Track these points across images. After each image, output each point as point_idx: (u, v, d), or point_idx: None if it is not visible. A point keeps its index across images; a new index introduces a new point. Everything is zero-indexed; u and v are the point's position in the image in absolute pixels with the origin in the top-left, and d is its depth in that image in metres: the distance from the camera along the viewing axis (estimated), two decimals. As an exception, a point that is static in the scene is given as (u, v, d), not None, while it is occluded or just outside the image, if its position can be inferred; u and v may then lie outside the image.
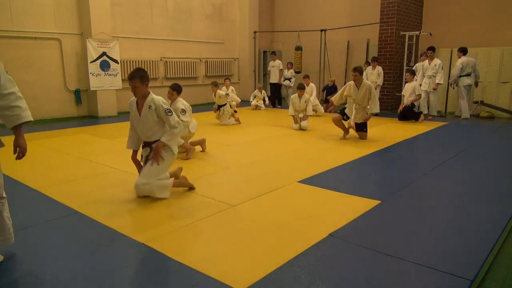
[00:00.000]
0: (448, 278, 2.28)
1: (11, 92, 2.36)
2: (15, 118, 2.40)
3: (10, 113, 2.37)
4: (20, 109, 2.40)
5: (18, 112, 2.39)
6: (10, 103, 2.36)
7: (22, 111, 2.41)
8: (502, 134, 7.22)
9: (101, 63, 9.26)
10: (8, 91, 2.34)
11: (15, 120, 2.40)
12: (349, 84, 6.53)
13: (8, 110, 2.37)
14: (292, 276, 2.31)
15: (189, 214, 3.28)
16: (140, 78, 3.55)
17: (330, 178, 4.41)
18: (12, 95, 2.36)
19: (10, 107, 2.36)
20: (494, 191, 3.94)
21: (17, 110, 2.39)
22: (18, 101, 2.40)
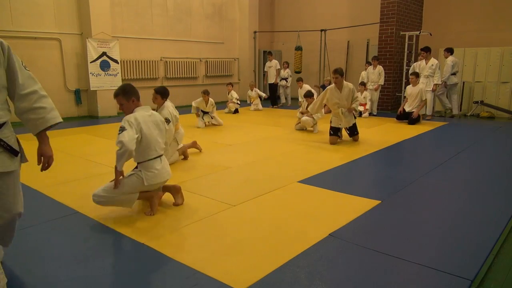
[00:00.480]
0: (448, 278, 2.28)
1: (32, 91, 2.04)
2: (41, 122, 2.06)
3: (34, 116, 2.04)
4: (45, 110, 2.06)
5: (43, 115, 2.06)
6: (33, 104, 2.03)
7: (47, 113, 2.07)
8: (502, 134, 7.22)
9: (101, 63, 9.26)
10: (29, 90, 2.03)
11: (40, 124, 2.07)
12: (328, 88, 6.24)
13: (31, 113, 2.04)
14: (292, 276, 2.31)
15: (189, 214, 3.28)
16: (124, 95, 3.27)
17: (330, 178, 4.41)
18: (34, 94, 2.04)
19: (33, 109, 2.04)
20: (494, 191, 3.94)
21: (41, 112, 2.05)
22: (42, 100, 2.06)
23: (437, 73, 8.71)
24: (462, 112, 9.75)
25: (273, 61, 11.57)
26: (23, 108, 2.04)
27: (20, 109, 2.04)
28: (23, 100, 2.03)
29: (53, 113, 2.10)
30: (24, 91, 2.02)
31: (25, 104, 2.03)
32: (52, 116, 2.10)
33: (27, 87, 2.03)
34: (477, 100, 9.43)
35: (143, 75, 10.57)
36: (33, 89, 2.05)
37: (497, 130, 7.55)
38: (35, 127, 2.08)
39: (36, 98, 2.05)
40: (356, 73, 12.20)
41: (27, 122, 2.07)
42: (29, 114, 2.05)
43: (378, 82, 9.60)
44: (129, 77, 10.22)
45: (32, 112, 2.05)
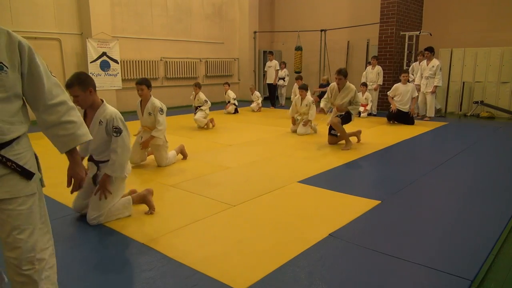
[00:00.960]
0: (448, 278, 2.28)
1: (61, 101, 1.70)
2: (70, 139, 1.75)
3: (63, 131, 1.72)
4: (74, 125, 1.74)
5: (72, 130, 1.74)
6: (62, 117, 1.70)
7: (77, 128, 1.75)
8: (502, 134, 7.22)
9: (101, 63, 9.27)
10: (57, 100, 1.69)
11: (70, 141, 1.76)
12: (331, 86, 6.19)
13: (60, 128, 1.71)
14: (292, 276, 2.31)
15: (189, 214, 3.28)
16: (80, 85, 2.90)
17: (330, 178, 4.41)
18: (63, 106, 1.71)
19: (62, 123, 1.71)
20: (494, 191, 3.94)
21: (71, 127, 1.73)
22: (71, 113, 1.74)
23: (438, 75, 8.61)
24: (462, 112, 9.75)
25: (273, 61, 11.57)
26: (50, 122, 1.70)
27: (47, 123, 1.70)
28: (51, 112, 1.69)
29: (83, 129, 1.80)
30: (52, 101, 1.68)
31: (53, 117, 1.69)
32: (82, 132, 1.78)
33: (55, 97, 1.69)
34: (477, 100, 9.43)
35: (143, 75, 10.56)
36: (62, 99, 1.71)
37: (497, 130, 7.55)
38: (64, 145, 1.76)
39: (65, 110, 1.72)
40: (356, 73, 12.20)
41: (55, 138, 1.74)
42: (57, 129, 1.72)
43: (377, 82, 9.58)
44: (129, 77, 10.22)
45: (61, 127, 1.72)
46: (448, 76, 9.94)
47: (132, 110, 10.41)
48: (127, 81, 10.13)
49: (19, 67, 1.58)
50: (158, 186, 4.06)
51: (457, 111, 9.85)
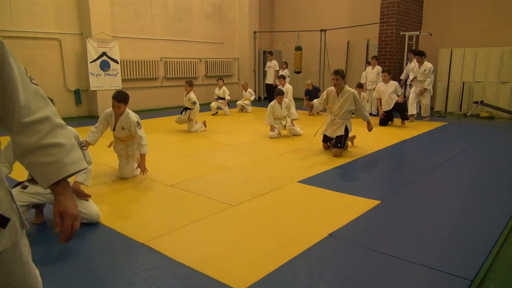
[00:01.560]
0: (448, 278, 2.28)
1: (42, 117, 1.23)
2: (54, 169, 1.24)
3: (46, 158, 1.23)
4: (61, 149, 1.25)
5: (57, 156, 1.24)
6: (43, 139, 1.22)
7: (64, 153, 1.25)
8: (502, 134, 7.22)
9: (101, 63, 9.26)
10: (37, 117, 1.22)
11: (53, 172, 1.25)
12: (328, 90, 5.72)
13: (40, 154, 1.22)
14: (292, 276, 2.31)
15: (189, 214, 3.28)
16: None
17: (330, 178, 4.41)
18: (45, 124, 1.23)
19: (44, 147, 1.22)
20: (494, 191, 3.94)
21: (55, 152, 1.24)
22: (56, 133, 1.25)
23: (429, 78, 8.47)
24: (462, 112, 9.75)
25: (272, 61, 11.55)
26: (28, 146, 1.21)
27: (24, 148, 1.22)
28: (29, 133, 1.21)
29: (73, 155, 1.28)
30: (29, 117, 1.21)
31: (32, 140, 1.21)
32: (72, 159, 1.27)
33: (34, 111, 1.22)
34: (477, 100, 9.43)
35: (143, 75, 10.57)
36: (44, 114, 1.23)
37: (497, 130, 7.55)
38: (45, 177, 1.25)
39: (48, 129, 1.23)
40: (356, 73, 12.20)
41: (34, 168, 1.25)
42: (38, 156, 1.22)
43: (376, 82, 9.58)
44: (129, 77, 10.22)
45: (43, 153, 1.22)
46: (448, 76, 9.94)
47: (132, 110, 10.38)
48: (127, 81, 10.13)
49: None
50: (158, 186, 4.06)
51: (457, 111, 9.85)
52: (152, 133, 7.21)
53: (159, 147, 6.10)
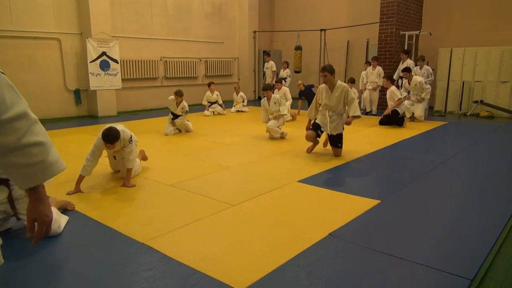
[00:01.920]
0: (448, 278, 2.28)
1: (19, 113, 1.13)
2: (37, 170, 1.18)
3: (25, 159, 1.15)
4: (42, 149, 1.18)
5: (40, 157, 1.17)
6: (22, 137, 1.13)
7: (46, 153, 1.19)
8: (502, 134, 7.22)
9: (101, 63, 9.26)
10: (14, 113, 1.12)
11: (37, 173, 1.19)
12: (320, 88, 5.56)
13: (19, 155, 1.14)
14: (292, 276, 2.31)
15: (189, 214, 3.28)
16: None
17: (330, 178, 4.41)
18: (22, 121, 1.14)
19: (23, 147, 1.14)
20: (493, 191, 3.94)
21: (37, 152, 1.16)
22: (35, 130, 1.17)
23: (426, 90, 8.36)
24: (462, 112, 9.75)
25: (269, 62, 11.47)
26: (6, 146, 1.11)
27: (2, 148, 1.12)
28: (6, 131, 1.10)
29: (54, 153, 1.22)
30: (5, 114, 1.10)
31: (9, 139, 1.11)
32: (54, 159, 1.21)
33: (10, 107, 1.11)
34: (477, 100, 9.43)
35: (143, 75, 10.57)
36: (21, 109, 1.13)
37: (497, 130, 7.55)
38: (30, 178, 1.18)
39: (26, 126, 1.13)
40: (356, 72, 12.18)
41: (13, 169, 1.16)
42: (17, 157, 1.13)
43: (377, 83, 9.59)
44: (129, 77, 10.22)
45: (22, 153, 1.13)
46: (448, 76, 9.94)
47: (132, 109, 10.43)
48: (127, 80, 10.13)
49: None
50: (158, 186, 4.07)
51: (456, 110, 9.86)
52: (152, 132, 7.21)
53: (159, 147, 6.10)
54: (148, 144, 6.23)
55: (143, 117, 9.34)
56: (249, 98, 13.19)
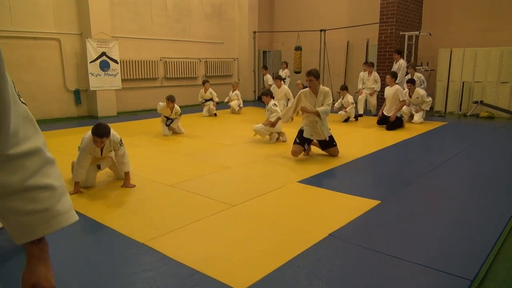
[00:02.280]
0: (448, 278, 2.28)
1: (31, 149, 0.93)
2: (42, 220, 0.96)
3: (29, 205, 0.93)
4: (52, 193, 0.97)
5: (47, 204, 0.96)
6: (30, 178, 0.92)
7: (56, 200, 0.98)
8: (502, 134, 7.22)
9: (101, 63, 9.26)
10: (25, 148, 0.92)
11: (40, 224, 0.96)
12: (302, 92, 5.33)
13: (23, 199, 0.92)
14: (292, 276, 2.31)
15: (189, 214, 3.27)
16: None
17: (330, 178, 4.41)
18: (33, 158, 0.93)
19: (29, 189, 0.92)
20: (494, 191, 3.94)
21: (44, 197, 0.95)
22: (47, 171, 0.96)
23: (428, 103, 8.40)
24: (462, 112, 9.76)
25: (266, 75, 11.25)
26: (9, 186, 0.89)
27: (3, 188, 0.90)
28: (11, 169, 0.89)
29: (66, 201, 1.01)
30: (15, 148, 0.89)
31: (14, 178, 0.90)
32: (65, 207, 1.00)
33: (22, 140, 0.91)
34: (477, 100, 9.44)
35: (143, 75, 10.57)
36: (33, 145, 0.93)
37: (497, 130, 7.55)
38: (30, 229, 0.95)
39: (38, 165, 0.93)
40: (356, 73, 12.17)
41: (13, 215, 0.93)
42: (21, 201, 0.91)
43: (374, 88, 9.50)
44: (129, 77, 10.22)
45: (28, 197, 0.92)
46: (448, 76, 9.95)
47: (132, 110, 10.43)
48: (126, 81, 10.13)
49: None
50: (158, 186, 4.06)
51: (456, 111, 9.86)
52: (152, 133, 7.21)
53: (159, 147, 6.10)
54: (148, 144, 6.23)
55: (143, 117, 9.34)
56: (249, 99, 13.20)
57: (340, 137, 6.70)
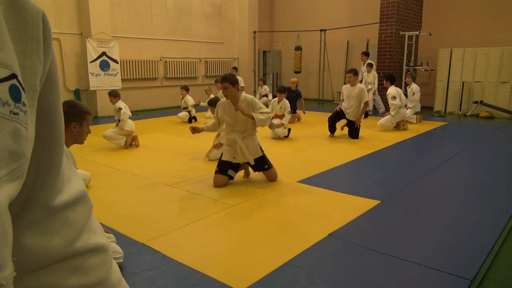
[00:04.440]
0: (448, 278, 2.28)
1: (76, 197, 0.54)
2: None
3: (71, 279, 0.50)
4: (104, 257, 0.57)
5: (97, 275, 0.54)
6: (75, 240, 0.52)
7: (109, 267, 0.58)
8: (502, 134, 7.22)
9: (101, 63, 9.26)
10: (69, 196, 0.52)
11: None
12: (220, 104, 4.25)
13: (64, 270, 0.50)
14: (292, 276, 2.31)
15: (189, 214, 3.28)
16: None
17: (330, 178, 4.41)
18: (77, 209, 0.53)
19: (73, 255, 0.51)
20: (494, 191, 3.94)
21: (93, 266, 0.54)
22: (90, 226, 0.56)
23: (392, 105, 7.45)
24: (462, 112, 9.76)
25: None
26: (52, 251, 0.49)
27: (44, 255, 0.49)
28: (56, 228, 0.50)
29: (115, 266, 0.61)
30: (60, 196, 0.51)
31: (57, 241, 0.50)
32: (115, 277, 0.60)
33: (65, 184, 0.53)
34: (477, 100, 9.44)
35: (143, 75, 10.57)
36: (77, 189, 0.55)
37: (496, 130, 7.55)
38: None
39: (84, 219, 0.55)
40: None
41: None
42: (64, 274, 0.51)
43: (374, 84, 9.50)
44: (129, 77, 10.22)
45: (73, 268, 0.52)
46: (448, 76, 9.95)
47: (132, 110, 10.39)
48: (126, 81, 10.13)
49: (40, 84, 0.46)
50: (158, 186, 4.06)
51: (456, 111, 9.86)
52: (152, 133, 7.21)
53: (159, 147, 6.09)
54: (148, 144, 6.23)
55: (143, 117, 9.34)
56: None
57: (340, 136, 6.71)
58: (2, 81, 0.37)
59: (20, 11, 0.43)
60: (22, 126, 0.39)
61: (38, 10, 0.45)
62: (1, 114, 0.36)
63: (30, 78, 0.42)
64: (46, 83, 0.47)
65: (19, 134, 0.39)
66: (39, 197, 0.49)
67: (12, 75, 0.38)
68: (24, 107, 0.40)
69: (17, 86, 0.39)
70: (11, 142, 0.38)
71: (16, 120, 0.38)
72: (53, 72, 0.48)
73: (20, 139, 0.39)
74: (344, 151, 5.70)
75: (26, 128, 0.40)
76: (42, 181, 0.49)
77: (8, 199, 0.38)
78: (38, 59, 0.44)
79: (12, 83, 0.38)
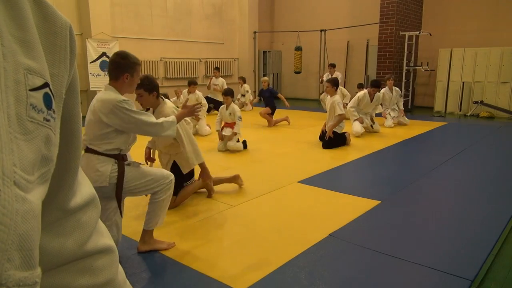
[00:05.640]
0: (448, 278, 2.28)
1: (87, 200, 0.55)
2: None
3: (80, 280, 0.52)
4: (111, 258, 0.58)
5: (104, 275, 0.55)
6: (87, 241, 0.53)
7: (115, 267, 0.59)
8: (502, 134, 7.22)
9: (101, 63, 9.26)
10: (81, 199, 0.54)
11: None
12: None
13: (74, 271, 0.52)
14: (292, 276, 2.31)
15: (189, 214, 3.28)
16: None
17: (330, 178, 4.41)
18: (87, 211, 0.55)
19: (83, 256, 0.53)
20: (494, 191, 3.94)
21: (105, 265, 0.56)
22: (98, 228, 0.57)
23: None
24: (462, 112, 9.76)
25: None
26: (65, 252, 0.51)
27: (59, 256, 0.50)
28: (70, 230, 0.52)
29: (120, 268, 0.61)
30: (74, 199, 0.53)
31: (70, 243, 0.51)
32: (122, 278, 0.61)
33: (78, 186, 0.55)
34: (477, 100, 9.44)
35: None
36: (87, 192, 0.57)
37: (497, 130, 7.55)
38: None
39: (95, 221, 0.57)
40: (356, 73, 12.22)
41: None
42: (73, 274, 0.52)
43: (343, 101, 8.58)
44: (129, 78, 10.21)
45: (82, 269, 0.53)
46: (448, 76, 9.95)
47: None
48: (127, 81, 10.13)
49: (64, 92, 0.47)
50: (158, 186, 4.06)
51: (457, 111, 9.86)
52: (152, 133, 7.20)
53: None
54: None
55: (143, 117, 9.32)
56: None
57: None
58: (38, 89, 0.39)
59: (50, 23, 0.48)
60: (52, 132, 0.41)
61: (66, 22, 0.51)
62: (36, 120, 0.39)
63: (57, 87, 0.45)
64: (68, 91, 0.49)
65: (50, 140, 0.41)
66: (57, 200, 0.51)
67: (45, 83, 0.40)
68: (54, 114, 0.42)
69: (49, 94, 0.41)
70: (44, 148, 0.40)
71: (48, 126, 0.40)
72: (75, 81, 0.51)
73: (50, 144, 0.41)
74: (344, 151, 5.70)
75: (55, 134, 0.43)
76: (60, 184, 0.51)
77: (41, 201, 0.40)
78: (65, 68, 0.47)
79: (45, 91, 0.40)
